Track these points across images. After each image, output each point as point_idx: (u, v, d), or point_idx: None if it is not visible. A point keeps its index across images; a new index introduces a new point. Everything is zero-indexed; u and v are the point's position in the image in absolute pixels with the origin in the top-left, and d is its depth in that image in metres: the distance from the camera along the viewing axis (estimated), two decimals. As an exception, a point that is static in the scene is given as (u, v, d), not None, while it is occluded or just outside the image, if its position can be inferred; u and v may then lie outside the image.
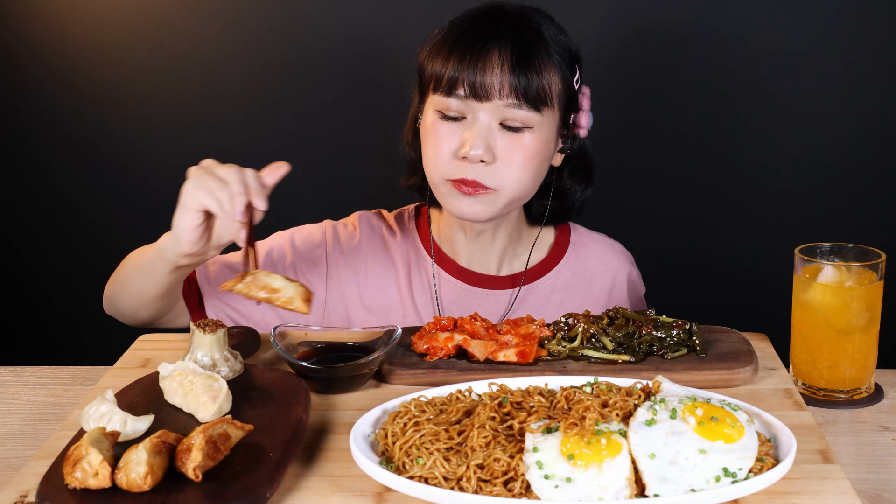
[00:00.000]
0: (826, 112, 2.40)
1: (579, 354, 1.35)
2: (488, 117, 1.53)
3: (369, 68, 2.44)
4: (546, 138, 1.57)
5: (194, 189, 1.31)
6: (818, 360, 1.35)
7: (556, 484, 0.99)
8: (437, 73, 1.54)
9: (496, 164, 1.53)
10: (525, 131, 1.54)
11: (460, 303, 1.71)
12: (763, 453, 1.05)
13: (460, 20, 1.58)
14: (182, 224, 1.34)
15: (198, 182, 1.32)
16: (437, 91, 1.55)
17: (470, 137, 1.52)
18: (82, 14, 2.49)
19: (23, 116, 2.57)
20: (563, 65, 1.57)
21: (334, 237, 1.73)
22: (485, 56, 1.51)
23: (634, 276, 1.81)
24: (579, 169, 1.71)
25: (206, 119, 2.53)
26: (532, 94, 1.52)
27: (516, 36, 1.54)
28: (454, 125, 1.55)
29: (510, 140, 1.54)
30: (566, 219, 1.76)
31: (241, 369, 1.28)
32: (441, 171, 1.56)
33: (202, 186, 1.31)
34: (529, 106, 1.52)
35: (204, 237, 1.36)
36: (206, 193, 1.30)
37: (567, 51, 1.59)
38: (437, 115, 1.56)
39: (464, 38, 1.54)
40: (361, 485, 1.05)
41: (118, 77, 2.52)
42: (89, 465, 0.98)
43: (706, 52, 2.39)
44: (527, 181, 1.58)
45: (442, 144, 1.55)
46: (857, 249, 1.37)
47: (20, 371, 1.51)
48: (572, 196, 1.72)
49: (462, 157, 1.53)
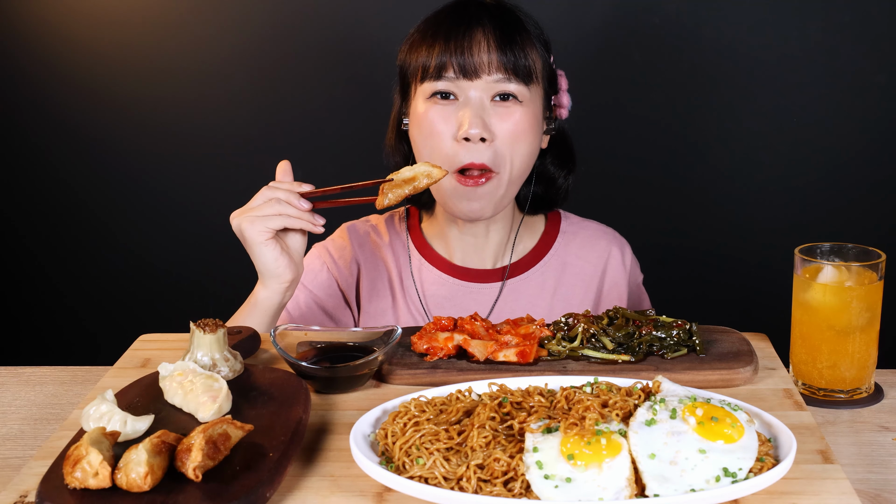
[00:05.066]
0: (828, 112, 2.40)
1: (579, 354, 1.34)
2: (479, 95, 1.56)
3: (372, 69, 2.44)
4: (535, 113, 1.60)
5: (249, 225, 1.42)
6: (818, 360, 1.35)
7: (556, 484, 0.99)
8: (423, 62, 1.57)
9: (495, 142, 1.56)
10: (516, 107, 1.57)
11: (452, 298, 1.71)
12: (763, 453, 1.05)
13: (437, 13, 1.62)
14: (267, 259, 1.45)
15: (247, 220, 1.42)
16: (426, 79, 1.57)
17: (466, 117, 1.55)
18: (83, 14, 2.48)
19: (24, 116, 2.57)
20: (541, 45, 1.62)
21: (332, 259, 1.75)
22: (469, 37, 1.55)
23: (629, 262, 1.80)
24: (562, 153, 1.72)
25: (212, 118, 2.53)
26: (521, 69, 1.56)
27: (497, 17, 1.58)
28: (446, 109, 1.57)
29: (503, 116, 1.57)
30: (554, 205, 1.77)
31: (241, 369, 1.27)
32: (447, 161, 1.57)
33: (253, 218, 1.42)
34: (518, 80, 1.56)
35: (285, 256, 1.46)
36: (259, 220, 1.41)
37: (540, 33, 1.64)
38: (428, 102, 1.58)
39: (444, 25, 1.58)
40: (361, 485, 1.05)
41: (125, 79, 2.52)
42: (89, 465, 0.98)
43: (710, 50, 2.39)
44: (525, 157, 1.60)
45: (439, 129, 1.57)
46: (857, 249, 1.36)
47: (20, 371, 1.51)
48: (556, 181, 1.73)
49: (463, 138, 1.55)
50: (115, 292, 2.67)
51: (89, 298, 2.68)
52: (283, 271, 1.47)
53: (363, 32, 2.45)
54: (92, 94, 2.53)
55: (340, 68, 2.48)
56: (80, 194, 2.61)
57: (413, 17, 1.67)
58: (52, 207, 2.62)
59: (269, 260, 1.45)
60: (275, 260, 1.45)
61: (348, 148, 2.50)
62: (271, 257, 1.45)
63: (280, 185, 1.44)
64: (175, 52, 2.50)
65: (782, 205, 2.46)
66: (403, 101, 1.66)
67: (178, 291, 2.65)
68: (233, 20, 2.48)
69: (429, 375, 1.31)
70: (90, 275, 2.67)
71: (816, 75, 2.38)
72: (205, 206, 2.59)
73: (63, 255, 2.66)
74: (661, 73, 2.42)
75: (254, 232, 1.43)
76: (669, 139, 2.46)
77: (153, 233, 2.63)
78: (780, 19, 2.36)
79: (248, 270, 1.50)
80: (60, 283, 2.68)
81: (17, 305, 2.70)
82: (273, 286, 1.49)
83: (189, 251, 2.63)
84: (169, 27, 2.48)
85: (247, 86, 2.51)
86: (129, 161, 2.58)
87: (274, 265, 1.45)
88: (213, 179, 2.57)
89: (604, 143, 2.21)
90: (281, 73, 2.49)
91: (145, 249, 2.63)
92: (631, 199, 2.48)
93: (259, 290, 1.51)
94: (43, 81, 2.53)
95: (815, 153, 2.43)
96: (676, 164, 2.47)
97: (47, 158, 2.59)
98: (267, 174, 1.57)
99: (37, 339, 2.73)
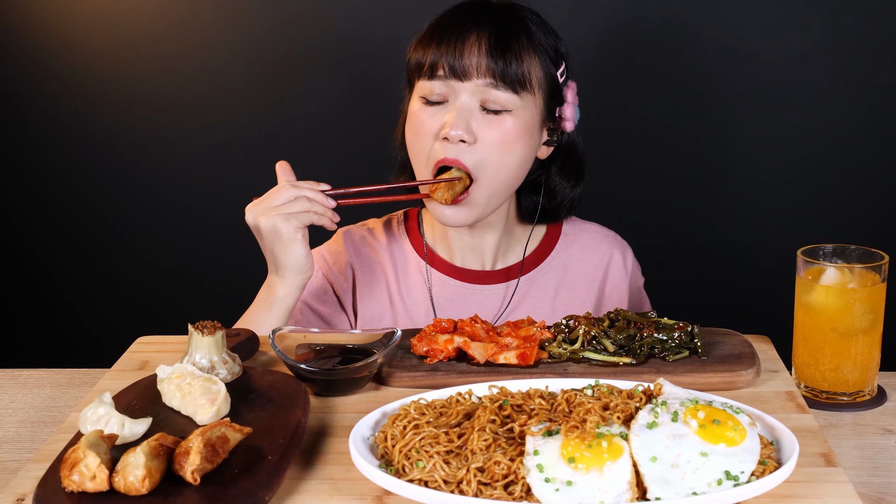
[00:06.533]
0: (830, 112, 2.39)
1: (580, 357, 1.34)
2: (469, 98, 1.57)
3: (371, 69, 2.43)
4: (527, 124, 1.59)
5: (283, 222, 1.48)
6: (821, 363, 1.35)
7: (556, 487, 0.99)
8: (420, 60, 1.59)
9: (476, 145, 1.57)
10: (505, 114, 1.57)
11: (454, 300, 1.71)
12: (765, 456, 1.05)
13: (444, 14, 1.63)
14: (299, 255, 1.51)
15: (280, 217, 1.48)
16: (421, 77, 1.59)
17: (450, 118, 1.56)
18: (81, 14, 2.48)
19: (22, 117, 2.56)
20: (545, 55, 1.61)
21: (327, 264, 1.75)
22: (463, 39, 1.56)
23: (630, 265, 1.80)
24: (568, 165, 1.72)
25: (211, 119, 2.52)
26: (510, 76, 1.55)
27: (496, 23, 1.58)
28: (436, 109, 1.59)
29: (490, 121, 1.57)
30: (556, 217, 1.76)
31: (240, 372, 1.27)
32: (424, 156, 1.59)
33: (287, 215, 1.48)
34: (507, 87, 1.56)
35: (310, 251, 1.54)
36: (293, 217, 1.49)
37: (551, 44, 1.63)
38: (421, 102, 1.60)
39: (445, 25, 1.59)
40: (361, 488, 1.05)
41: (124, 79, 2.52)
42: (87, 469, 0.98)
43: (711, 51, 2.39)
44: (507, 166, 1.60)
45: (424, 128, 1.59)
46: (860, 251, 1.36)
47: (17, 373, 1.50)
48: (561, 193, 1.73)
49: (443, 137, 1.56)
50: (112, 294, 2.66)
51: (87, 300, 2.68)
52: (310, 266, 1.55)
53: (362, 32, 2.44)
54: (90, 95, 2.53)
55: (340, 68, 2.47)
56: (80, 193, 2.61)
57: (412, 17, 1.68)
58: (48, 207, 2.62)
59: (301, 256, 1.52)
60: (305, 255, 1.52)
61: (347, 148, 2.49)
62: (303, 252, 1.52)
63: (302, 183, 1.51)
64: (173, 51, 2.49)
65: (785, 205, 2.46)
66: (409, 95, 1.67)
67: (176, 293, 2.65)
68: (231, 20, 2.48)
69: (428, 378, 1.31)
70: (87, 276, 2.66)
71: (819, 75, 2.37)
72: (203, 207, 2.58)
73: (60, 256, 2.65)
74: (662, 74, 2.41)
75: (289, 228, 1.49)
76: (669, 140, 2.45)
77: (151, 234, 2.62)
78: (781, 19, 2.35)
79: (247, 272, 1.51)
80: (57, 284, 2.68)
81: (14, 307, 2.70)
82: (296, 282, 1.55)
83: (187, 253, 2.62)
84: (167, 26, 2.48)
85: (246, 86, 2.50)
86: (129, 162, 2.57)
87: (304, 260, 1.53)
88: (213, 181, 2.56)
89: (604, 144, 2.20)
90: (280, 73, 2.48)
91: (143, 250, 2.63)
92: (631, 200, 2.47)
93: (278, 287, 1.55)
94: (40, 81, 2.53)
95: (817, 153, 2.42)
96: (677, 166, 2.47)
97: (45, 158, 2.58)
98: (266, 175, 1.57)
99: (34, 341, 2.72)
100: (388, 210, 1.86)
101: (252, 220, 1.52)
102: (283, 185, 1.52)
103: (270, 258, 1.55)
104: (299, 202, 1.49)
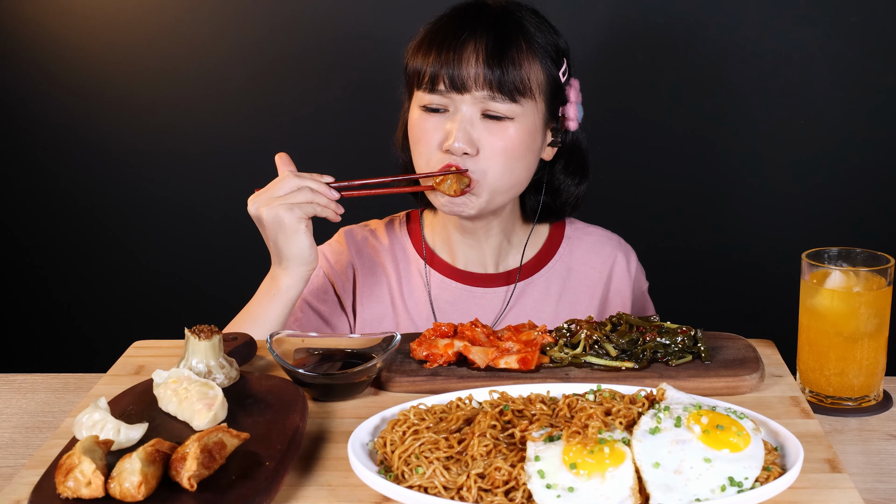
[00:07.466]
0: (836, 113, 2.39)
1: (582, 361, 1.33)
2: (470, 109, 1.56)
3: (370, 70, 2.43)
4: (529, 130, 1.59)
5: (287, 212, 1.48)
6: (826, 367, 1.34)
7: (558, 493, 0.98)
8: (419, 69, 1.58)
9: (479, 155, 1.56)
10: (506, 122, 1.57)
11: (455, 303, 1.71)
12: (769, 462, 1.04)
13: (441, 16, 1.62)
14: (303, 245, 1.51)
15: (283, 207, 1.48)
16: (421, 88, 1.59)
17: (453, 129, 1.56)
18: (78, 15, 2.48)
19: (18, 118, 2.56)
20: (546, 56, 1.59)
21: (328, 264, 1.74)
22: (460, 49, 1.55)
23: (634, 269, 1.79)
24: (572, 163, 1.71)
25: (209, 121, 2.52)
26: (508, 86, 1.54)
27: (493, 28, 1.57)
28: (438, 119, 1.58)
29: (492, 131, 1.56)
30: (560, 216, 1.76)
31: (237, 376, 1.26)
32: (427, 163, 1.59)
33: (290, 205, 1.48)
34: (505, 97, 1.55)
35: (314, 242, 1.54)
36: (297, 207, 1.48)
37: (551, 43, 1.61)
38: (422, 111, 1.59)
39: (442, 33, 1.58)
40: (359, 494, 1.04)
41: (120, 80, 2.52)
42: (82, 475, 0.97)
43: (714, 53, 2.38)
44: (510, 172, 1.59)
45: (427, 138, 1.58)
46: (866, 254, 1.35)
47: (11, 378, 1.49)
48: (566, 191, 1.72)
49: (446, 149, 1.56)
50: (107, 298, 2.66)
51: (82, 304, 2.68)
52: (314, 258, 1.54)
53: (361, 32, 2.44)
54: (84, 97, 2.53)
55: (338, 69, 2.47)
56: (74, 197, 2.60)
57: (411, 17, 1.67)
58: (43, 211, 2.61)
59: (306, 246, 1.51)
60: (309, 246, 1.52)
61: (347, 148, 2.49)
62: (308, 243, 1.51)
63: (306, 174, 1.51)
64: (170, 53, 2.49)
65: (789, 208, 2.45)
66: (408, 99, 1.66)
67: (172, 297, 2.64)
68: (229, 22, 2.47)
69: (428, 383, 1.30)
70: (83, 280, 2.66)
71: (823, 77, 2.37)
72: (200, 211, 2.58)
73: (55, 260, 2.65)
74: (665, 75, 2.41)
75: (293, 218, 1.49)
76: (672, 142, 2.44)
77: (147, 237, 2.62)
78: (786, 19, 2.35)
79: (244, 276, 1.50)
80: (52, 288, 2.67)
81: (8, 311, 2.69)
82: (300, 273, 1.54)
83: (183, 256, 2.62)
84: (165, 27, 2.48)
85: (243, 87, 2.50)
86: (125, 164, 2.57)
87: (308, 251, 1.52)
88: (210, 185, 2.56)
89: (607, 146, 2.19)
90: (277, 73, 2.48)
91: (139, 254, 2.62)
92: (634, 203, 2.46)
93: (282, 279, 1.55)
94: (36, 82, 2.53)
95: (822, 156, 2.41)
96: (680, 169, 2.46)
97: (40, 161, 2.58)
98: (263, 178, 1.56)
99: (28, 346, 2.72)
100: (392, 205, 1.85)
101: (254, 211, 1.51)
102: (287, 175, 1.51)
103: (274, 249, 1.54)
104: (302, 192, 1.48)
